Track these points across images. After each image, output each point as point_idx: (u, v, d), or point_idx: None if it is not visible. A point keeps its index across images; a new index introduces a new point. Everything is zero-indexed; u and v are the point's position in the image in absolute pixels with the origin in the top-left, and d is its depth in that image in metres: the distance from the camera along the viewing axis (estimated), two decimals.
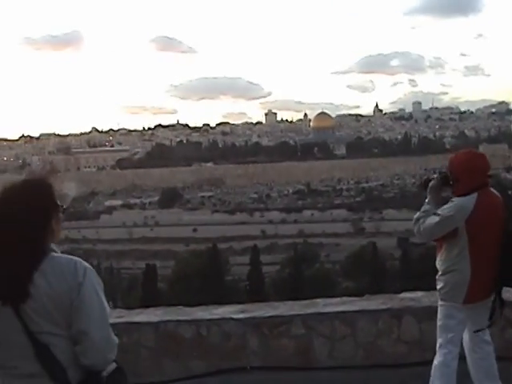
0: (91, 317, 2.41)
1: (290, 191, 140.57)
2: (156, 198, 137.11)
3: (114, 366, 2.48)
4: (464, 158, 4.39)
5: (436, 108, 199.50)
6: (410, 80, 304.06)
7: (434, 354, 4.37)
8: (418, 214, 4.40)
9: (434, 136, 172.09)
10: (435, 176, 4.50)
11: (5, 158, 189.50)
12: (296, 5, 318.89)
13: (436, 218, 4.25)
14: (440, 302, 4.40)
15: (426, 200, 4.43)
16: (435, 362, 4.36)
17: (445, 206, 4.28)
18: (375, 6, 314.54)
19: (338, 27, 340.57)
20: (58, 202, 2.57)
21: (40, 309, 2.39)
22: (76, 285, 2.41)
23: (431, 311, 4.87)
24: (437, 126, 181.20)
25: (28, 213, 2.45)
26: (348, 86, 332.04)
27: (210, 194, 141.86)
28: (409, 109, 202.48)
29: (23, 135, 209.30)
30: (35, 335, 2.39)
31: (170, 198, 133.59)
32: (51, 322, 2.40)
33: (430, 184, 4.44)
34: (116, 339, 2.50)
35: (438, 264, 4.41)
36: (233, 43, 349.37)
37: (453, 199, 4.29)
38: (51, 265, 2.43)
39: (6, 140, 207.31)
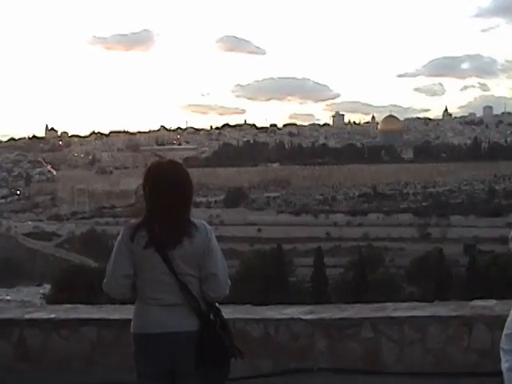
0: (217, 263, 3.38)
1: (356, 194, 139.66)
2: (222, 197, 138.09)
3: None
4: None
5: (508, 113, 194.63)
6: (480, 84, 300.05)
7: None
8: None
9: (506, 142, 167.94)
10: None
11: (76, 154, 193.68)
12: (364, 6, 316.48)
13: None
14: None
15: None
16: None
17: None
18: (445, 8, 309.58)
19: (407, 29, 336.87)
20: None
21: (183, 255, 3.28)
22: (207, 240, 3.34)
23: (504, 321, 4.76)
24: (508, 132, 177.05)
25: (188, 182, 3.38)
26: (416, 89, 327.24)
27: (275, 194, 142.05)
28: (479, 113, 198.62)
29: (94, 132, 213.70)
30: (178, 276, 3.27)
31: (236, 197, 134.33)
32: (189, 266, 3.30)
33: None
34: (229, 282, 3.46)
35: None
36: (301, 44, 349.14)
37: None
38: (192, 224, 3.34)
39: (77, 136, 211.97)
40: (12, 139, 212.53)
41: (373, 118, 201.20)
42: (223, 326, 3.39)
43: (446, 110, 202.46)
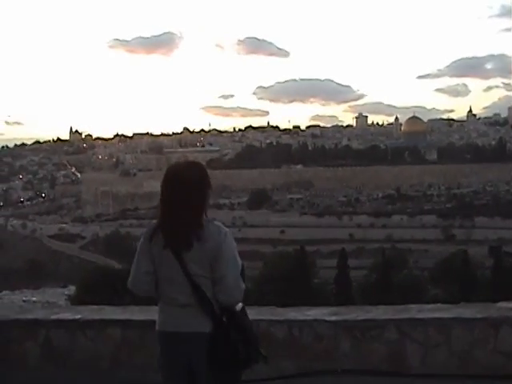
0: (228, 266, 3.32)
1: (380, 195, 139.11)
2: (245, 199, 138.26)
3: (241, 305, 3.39)
4: None
5: None
6: (505, 84, 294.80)
7: None
8: None
9: None
10: None
11: (100, 156, 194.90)
12: (387, 7, 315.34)
13: None
14: None
15: None
16: None
17: None
18: (467, 8, 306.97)
19: (429, 30, 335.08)
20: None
21: (195, 257, 3.30)
22: (220, 243, 3.34)
23: None
24: None
25: (202, 183, 3.40)
26: (439, 90, 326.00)
27: (298, 196, 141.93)
28: (504, 114, 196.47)
29: (117, 134, 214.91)
30: (191, 277, 3.30)
31: (259, 199, 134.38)
32: (202, 267, 3.31)
33: None
34: (243, 285, 3.37)
35: None
36: (323, 45, 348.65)
37: None
38: (205, 226, 3.36)
39: (101, 139, 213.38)
40: (37, 142, 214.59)
41: (396, 119, 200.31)
42: (241, 330, 3.35)
43: (470, 110, 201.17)
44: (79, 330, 6.10)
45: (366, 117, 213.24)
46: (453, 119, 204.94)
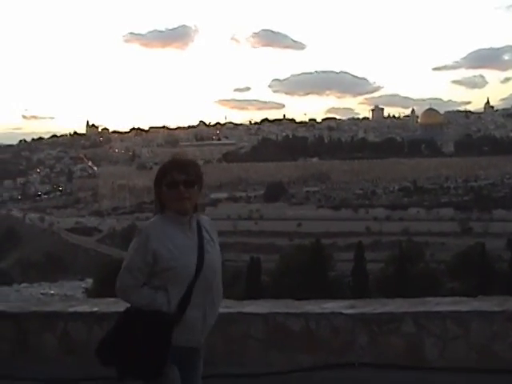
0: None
1: (396, 188, 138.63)
2: (261, 192, 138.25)
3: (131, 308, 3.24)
4: None
5: None
6: None
7: None
8: None
9: None
10: None
11: (116, 150, 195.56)
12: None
13: None
14: None
15: None
16: None
17: None
18: None
19: (445, 21, 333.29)
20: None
21: None
22: None
23: None
24: None
25: (199, 175, 3.33)
26: (455, 82, 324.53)
27: (315, 189, 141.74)
28: None
29: (134, 128, 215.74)
30: None
31: (275, 192, 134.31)
32: None
33: None
34: (118, 283, 3.27)
35: None
36: (339, 38, 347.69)
37: None
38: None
39: (117, 132, 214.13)
40: (54, 136, 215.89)
41: (412, 111, 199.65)
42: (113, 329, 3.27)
43: (488, 102, 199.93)
44: (96, 323, 6.12)
45: (382, 109, 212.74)
46: (470, 111, 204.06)
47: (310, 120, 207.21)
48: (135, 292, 3.20)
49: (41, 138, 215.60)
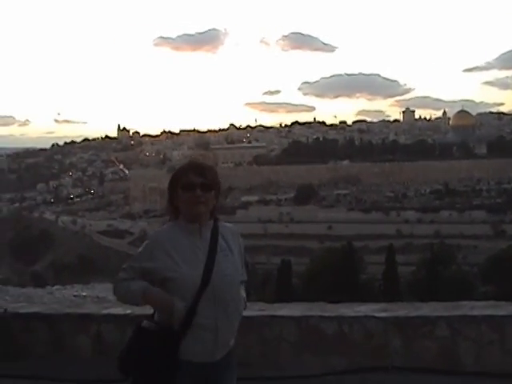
0: None
1: (427, 191, 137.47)
2: (291, 195, 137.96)
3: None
4: None
5: None
6: None
7: None
8: None
9: None
10: None
11: (147, 153, 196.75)
12: (433, 0, 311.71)
13: None
14: None
15: None
16: None
17: None
18: None
19: (476, 23, 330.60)
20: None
21: None
22: None
23: None
24: None
25: (217, 181, 3.22)
26: (488, 83, 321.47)
27: (345, 191, 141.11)
28: None
29: (164, 131, 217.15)
30: None
31: (306, 194, 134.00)
32: None
33: None
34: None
35: None
36: (368, 40, 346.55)
37: None
38: None
39: (148, 136, 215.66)
40: (86, 140, 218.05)
41: (444, 113, 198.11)
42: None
43: None
44: (130, 325, 6.15)
45: (414, 111, 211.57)
46: (502, 112, 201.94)
47: (340, 123, 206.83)
48: (117, 286, 3.19)
49: (73, 142, 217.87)
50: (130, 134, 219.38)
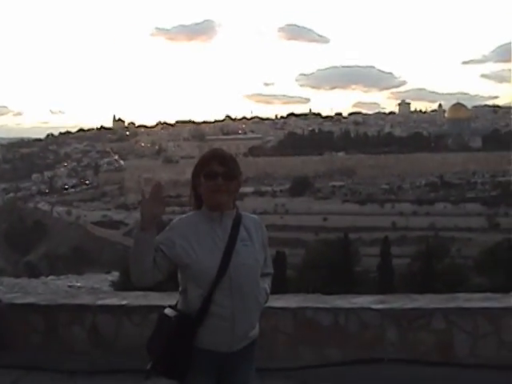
0: None
1: (423, 183, 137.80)
2: (287, 186, 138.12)
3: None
4: None
5: None
6: None
7: None
8: None
9: None
10: None
11: (142, 144, 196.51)
12: None
13: None
14: None
15: None
16: None
17: None
18: None
19: (472, 15, 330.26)
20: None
21: None
22: None
23: None
24: None
25: (239, 171, 3.34)
26: (484, 76, 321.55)
27: (340, 183, 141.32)
28: None
29: (160, 122, 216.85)
30: None
31: (301, 186, 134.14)
32: None
33: None
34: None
35: None
36: (364, 32, 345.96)
37: None
38: None
39: (144, 126, 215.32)
40: (81, 130, 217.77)
41: (440, 106, 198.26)
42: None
43: None
44: (125, 316, 6.15)
45: (409, 103, 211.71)
46: (498, 105, 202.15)
47: (336, 114, 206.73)
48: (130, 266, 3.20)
49: (68, 132, 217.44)
50: (126, 124, 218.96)
